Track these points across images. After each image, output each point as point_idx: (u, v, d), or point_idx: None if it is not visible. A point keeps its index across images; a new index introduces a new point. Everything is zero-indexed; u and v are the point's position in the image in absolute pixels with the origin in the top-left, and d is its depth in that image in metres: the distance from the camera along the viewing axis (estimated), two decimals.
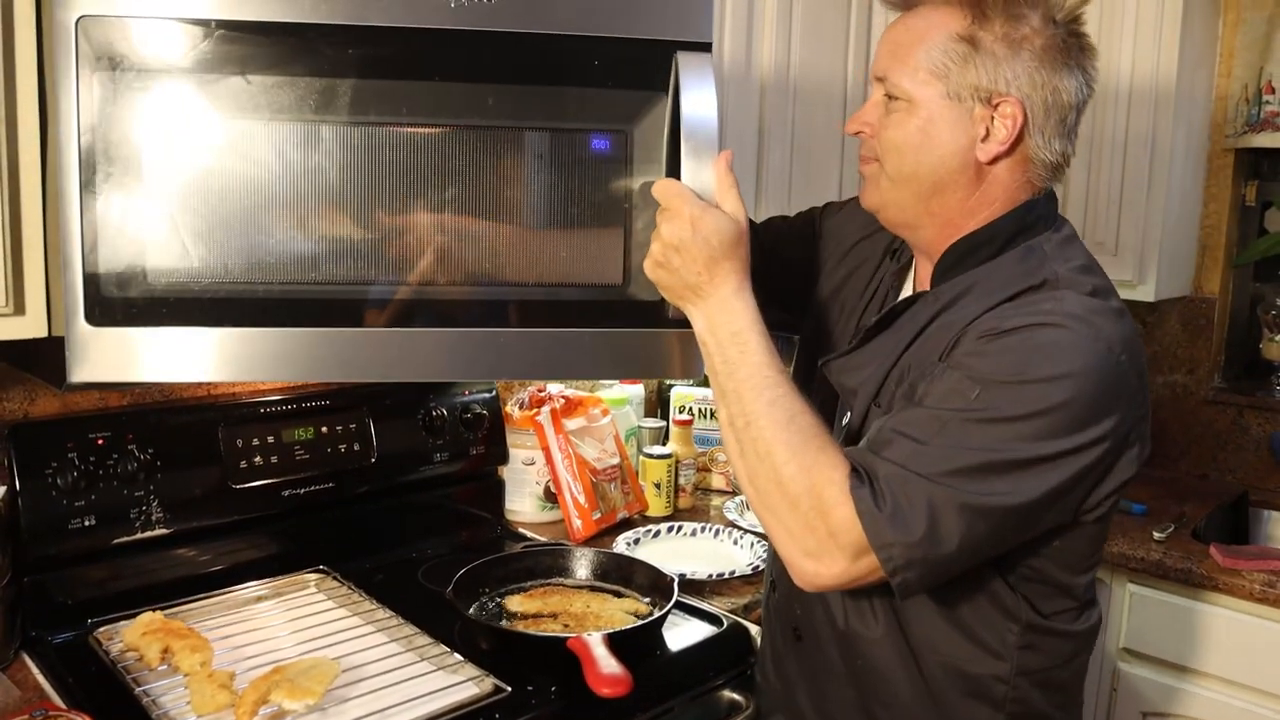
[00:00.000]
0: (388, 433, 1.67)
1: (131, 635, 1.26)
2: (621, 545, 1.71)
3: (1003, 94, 1.02)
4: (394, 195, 1.10)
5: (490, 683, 1.20)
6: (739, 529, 1.81)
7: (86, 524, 1.35)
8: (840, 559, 0.96)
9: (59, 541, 1.34)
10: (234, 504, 1.50)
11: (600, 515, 1.80)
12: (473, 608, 1.39)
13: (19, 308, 1.09)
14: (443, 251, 1.12)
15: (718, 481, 2.14)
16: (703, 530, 1.83)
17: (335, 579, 1.51)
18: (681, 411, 2.14)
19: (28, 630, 1.32)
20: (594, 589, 1.49)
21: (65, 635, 1.33)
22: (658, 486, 1.93)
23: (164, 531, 1.42)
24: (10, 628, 1.28)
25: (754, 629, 1.44)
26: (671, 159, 1.12)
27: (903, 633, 1.11)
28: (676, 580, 1.43)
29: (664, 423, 2.13)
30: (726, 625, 1.43)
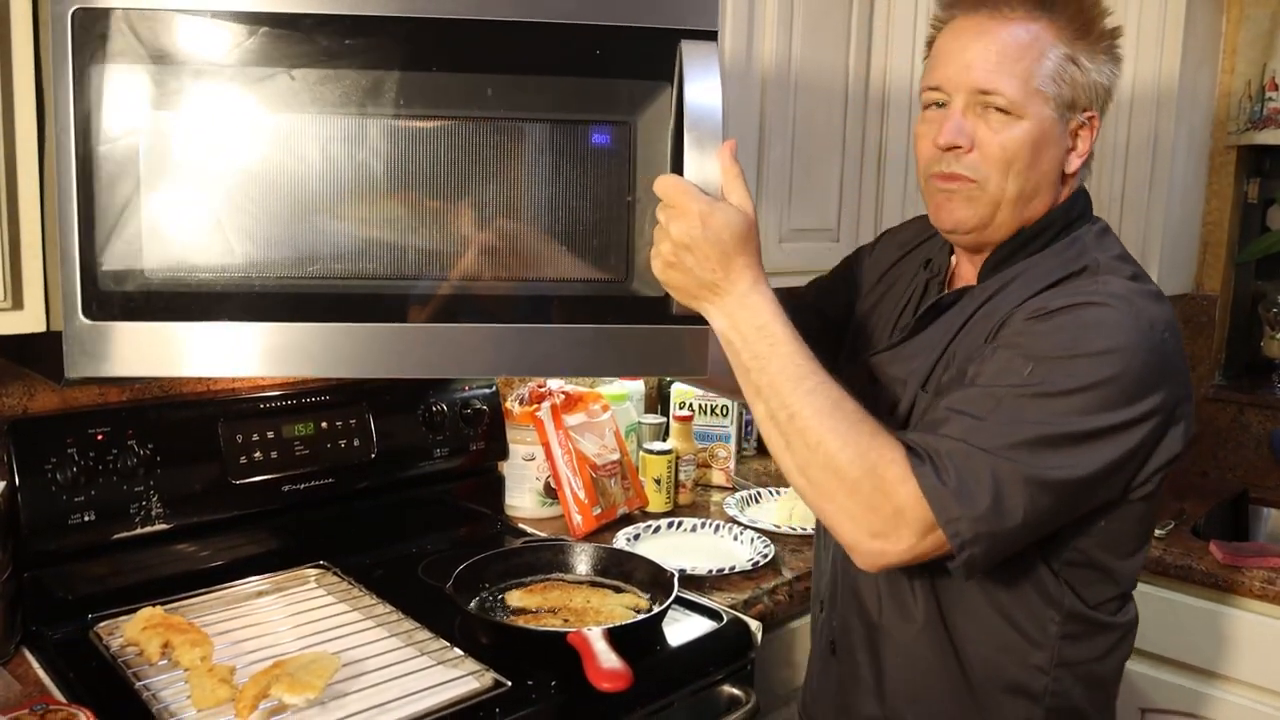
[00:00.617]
0: (388, 428, 1.66)
1: (132, 630, 1.26)
2: (622, 541, 1.71)
3: (1086, 107, 1.08)
4: (395, 189, 1.09)
5: (490, 677, 1.20)
6: (739, 524, 1.81)
7: (86, 519, 1.35)
8: (907, 535, 0.97)
9: (59, 537, 1.34)
10: (234, 499, 1.49)
11: (600, 511, 1.80)
12: (473, 603, 1.39)
13: (17, 302, 1.08)
14: (444, 247, 1.10)
15: (718, 477, 2.14)
16: (703, 526, 1.83)
17: (335, 574, 1.51)
18: (682, 407, 2.14)
19: (28, 625, 1.32)
20: (594, 584, 1.49)
21: (65, 630, 1.33)
22: (658, 482, 1.93)
23: (164, 527, 1.42)
24: (10, 623, 1.28)
25: (754, 624, 1.44)
26: (675, 151, 1.09)
27: (944, 623, 1.12)
28: (676, 575, 1.43)
29: (664, 418, 2.13)
30: (726, 620, 1.43)
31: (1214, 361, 2.51)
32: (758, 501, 2.00)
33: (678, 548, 1.73)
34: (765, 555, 1.67)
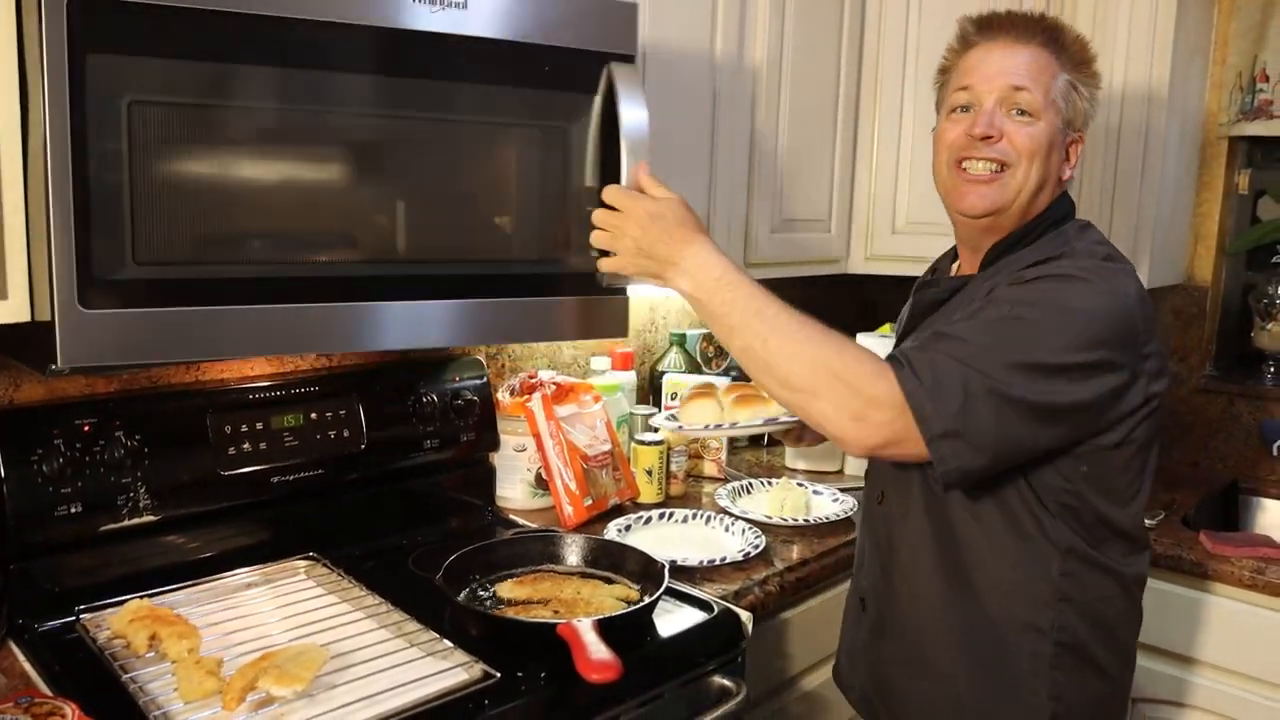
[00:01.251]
0: (378, 419, 1.66)
1: (119, 622, 1.25)
2: (612, 532, 1.71)
3: (1079, 128, 1.31)
4: (372, 184, 1.23)
5: (480, 669, 1.19)
6: (730, 515, 1.81)
7: (73, 511, 1.34)
8: (886, 412, 1.10)
9: (45, 529, 1.33)
10: (222, 491, 1.49)
11: (591, 502, 1.80)
12: (463, 594, 1.39)
13: (1, 292, 1.07)
14: (402, 232, 1.26)
15: (709, 468, 2.14)
16: (694, 517, 1.83)
17: (325, 566, 1.51)
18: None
19: (14, 618, 1.31)
20: (584, 575, 1.49)
21: (52, 623, 1.32)
22: (649, 473, 1.93)
23: (152, 518, 1.42)
24: None
25: (745, 615, 1.44)
26: (606, 156, 1.33)
27: (956, 564, 1.26)
28: (667, 566, 1.43)
29: (656, 409, 2.13)
30: (717, 611, 1.43)
31: (1204, 352, 2.52)
32: (749, 492, 2.00)
33: (669, 539, 1.73)
34: (756, 546, 1.67)
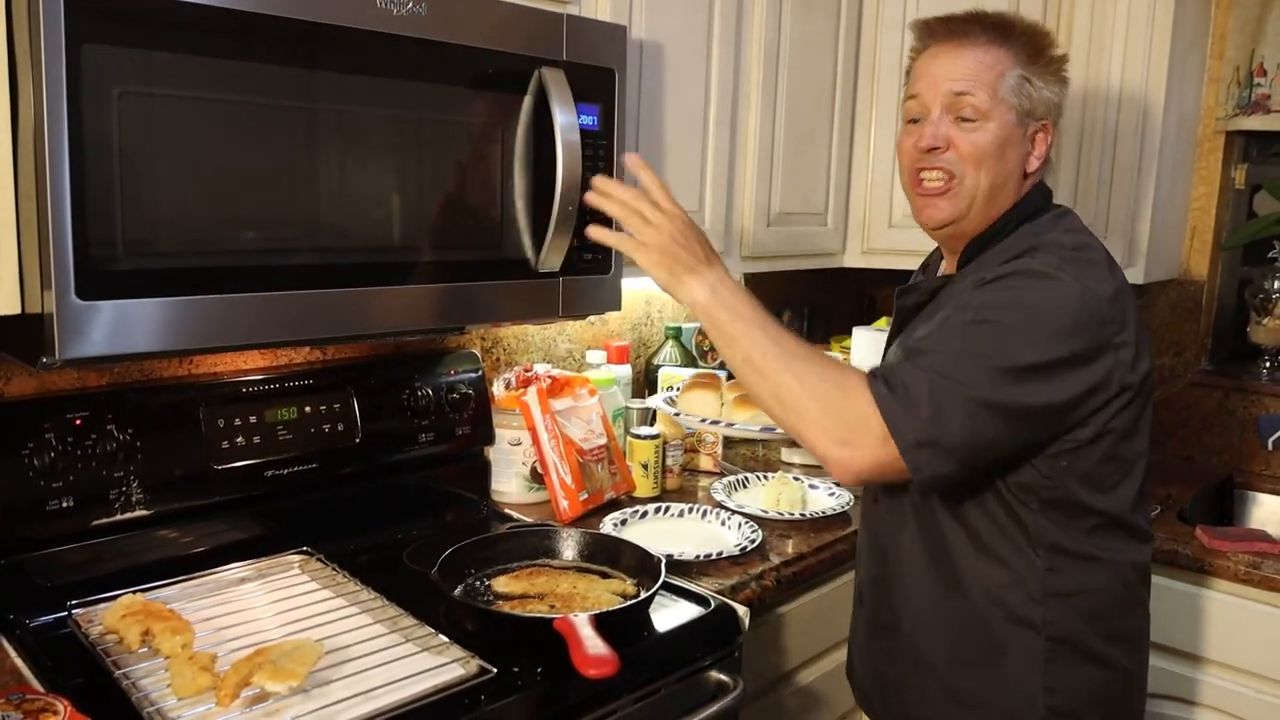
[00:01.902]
0: (372, 413, 1.65)
1: (111, 618, 1.24)
2: (608, 526, 1.70)
3: (1041, 118, 1.29)
4: (365, 174, 1.28)
5: (476, 664, 1.19)
6: (726, 510, 1.81)
7: (65, 505, 1.33)
8: (869, 441, 1.14)
9: (37, 523, 1.32)
10: (216, 485, 1.48)
11: (587, 496, 1.79)
12: (458, 589, 1.38)
13: None
14: (397, 221, 1.31)
15: (705, 463, 2.13)
16: (690, 511, 1.82)
17: (319, 560, 1.50)
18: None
19: (5, 613, 1.30)
20: (580, 570, 1.48)
21: (44, 618, 1.31)
22: (645, 467, 1.92)
23: (144, 513, 1.41)
24: None
25: (741, 610, 1.43)
26: (540, 153, 1.44)
27: (944, 561, 1.28)
28: (663, 561, 1.42)
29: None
30: (714, 606, 1.42)
31: (1200, 347, 2.52)
32: (745, 486, 1.99)
33: (665, 533, 1.72)
34: (753, 540, 1.67)
